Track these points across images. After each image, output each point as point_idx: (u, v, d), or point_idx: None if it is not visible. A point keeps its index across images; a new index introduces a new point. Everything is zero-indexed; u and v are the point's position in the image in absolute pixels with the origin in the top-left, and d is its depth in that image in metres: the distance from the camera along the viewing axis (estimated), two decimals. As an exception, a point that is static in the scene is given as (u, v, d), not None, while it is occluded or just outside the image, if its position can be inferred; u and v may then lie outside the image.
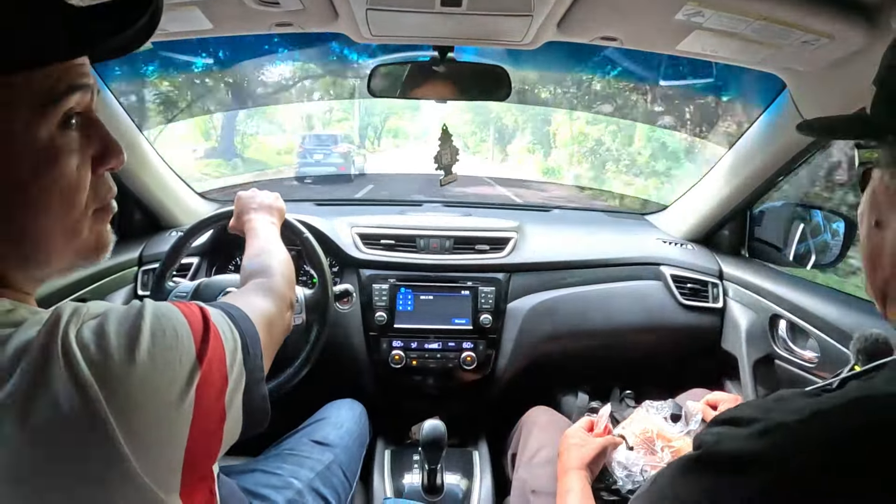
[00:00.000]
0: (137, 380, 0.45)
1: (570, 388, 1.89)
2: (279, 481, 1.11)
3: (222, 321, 0.60)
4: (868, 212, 0.56)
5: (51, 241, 0.54)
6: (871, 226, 0.56)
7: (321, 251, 1.34)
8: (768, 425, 0.46)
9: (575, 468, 1.05)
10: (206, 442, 0.53)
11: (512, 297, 1.71)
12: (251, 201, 1.24)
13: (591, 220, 2.21)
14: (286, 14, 1.12)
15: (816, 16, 0.97)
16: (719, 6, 0.98)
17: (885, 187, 0.53)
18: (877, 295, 0.57)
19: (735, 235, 1.87)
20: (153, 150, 1.65)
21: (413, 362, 1.65)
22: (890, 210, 0.53)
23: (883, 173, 0.53)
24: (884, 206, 0.53)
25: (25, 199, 0.51)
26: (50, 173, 0.52)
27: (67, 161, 0.53)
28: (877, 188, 0.54)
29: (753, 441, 0.46)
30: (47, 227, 0.53)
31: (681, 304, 1.74)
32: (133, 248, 1.68)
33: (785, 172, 1.57)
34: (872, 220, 0.55)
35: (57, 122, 0.52)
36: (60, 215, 0.53)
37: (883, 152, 0.53)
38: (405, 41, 1.28)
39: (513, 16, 1.08)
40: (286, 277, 0.96)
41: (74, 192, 0.54)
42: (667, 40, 1.18)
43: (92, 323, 0.47)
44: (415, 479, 1.50)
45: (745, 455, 0.46)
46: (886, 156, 0.52)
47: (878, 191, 0.54)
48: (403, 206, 2.16)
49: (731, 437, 0.49)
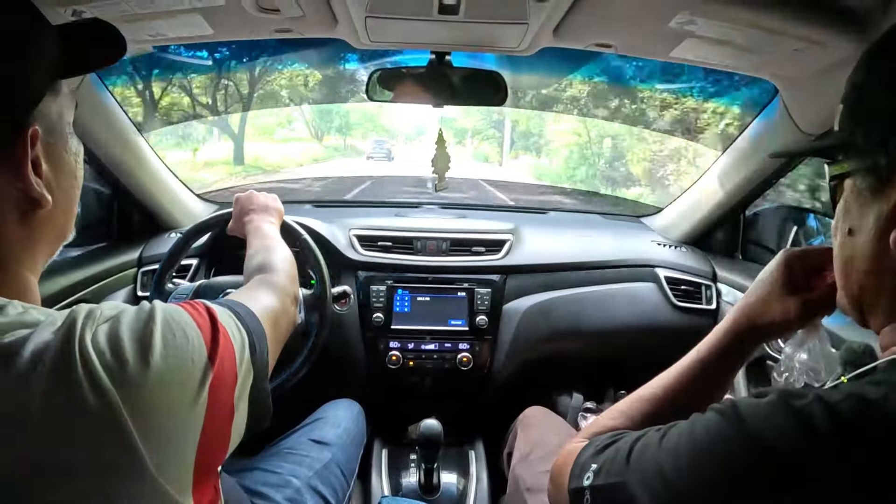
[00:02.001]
0: (153, 383, 0.46)
1: (565, 388, 1.90)
2: (278, 480, 1.12)
3: (229, 320, 0.60)
4: (841, 222, 0.57)
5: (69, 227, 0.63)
6: (844, 235, 0.56)
7: (319, 252, 1.35)
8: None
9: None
10: (216, 440, 0.53)
11: (508, 298, 1.73)
12: (250, 203, 1.25)
13: (587, 223, 2.22)
14: (286, 21, 1.13)
15: (807, 24, 0.99)
16: (711, 14, 1.00)
17: (856, 193, 0.54)
18: (852, 304, 0.58)
19: (729, 238, 1.89)
20: (152, 152, 1.66)
21: (410, 363, 1.66)
22: (860, 214, 0.54)
23: (854, 180, 0.54)
24: (854, 212, 0.55)
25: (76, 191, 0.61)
26: (80, 159, 0.62)
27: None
28: (848, 197, 0.56)
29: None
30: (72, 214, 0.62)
31: (674, 306, 1.76)
32: (133, 249, 1.68)
33: (778, 176, 1.59)
34: (846, 229, 0.56)
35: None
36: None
37: (851, 162, 0.54)
38: (403, 47, 1.29)
39: (509, 23, 1.10)
40: (288, 272, 0.97)
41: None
42: (660, 47, 1.19)
43: (105, 327, 0.47)
44: (412, 478, 1.52)
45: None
46: (855, 164, 0.54)
47: (850, 199, 0.55)
48: (400, 208, 2.17)
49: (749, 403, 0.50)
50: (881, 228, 0.51)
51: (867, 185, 0.52)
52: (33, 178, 0.53)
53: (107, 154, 1.52)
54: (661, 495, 0.52)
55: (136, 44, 1.20)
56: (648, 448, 0.56)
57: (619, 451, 0.59)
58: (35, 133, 0.53)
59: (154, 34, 1.15)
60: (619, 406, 0.79)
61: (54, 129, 0.57)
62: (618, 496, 0.56)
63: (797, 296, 0.70)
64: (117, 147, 1.53)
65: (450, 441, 1.54)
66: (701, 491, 0.49)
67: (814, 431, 0.45)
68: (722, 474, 0.48)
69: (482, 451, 1.67)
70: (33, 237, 0.57)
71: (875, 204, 0.52)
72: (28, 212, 0.55)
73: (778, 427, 0.47)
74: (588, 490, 0.60)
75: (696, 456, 0.50)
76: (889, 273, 0.52)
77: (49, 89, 0.56)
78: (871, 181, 0.52)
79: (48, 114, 0.56)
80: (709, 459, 0.49)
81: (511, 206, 2.55)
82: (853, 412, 0.45)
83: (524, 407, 1.53)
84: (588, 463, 0.62)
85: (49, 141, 0.56)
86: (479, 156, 19.86)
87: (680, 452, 0.52)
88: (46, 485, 0.42)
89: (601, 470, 0.60)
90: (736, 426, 0.49)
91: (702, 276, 1.79)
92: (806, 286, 0.71)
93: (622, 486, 0.55)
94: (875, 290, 0.55)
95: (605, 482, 0.58)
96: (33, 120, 0.53)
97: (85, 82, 1.29)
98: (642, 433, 0.59)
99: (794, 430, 0.46)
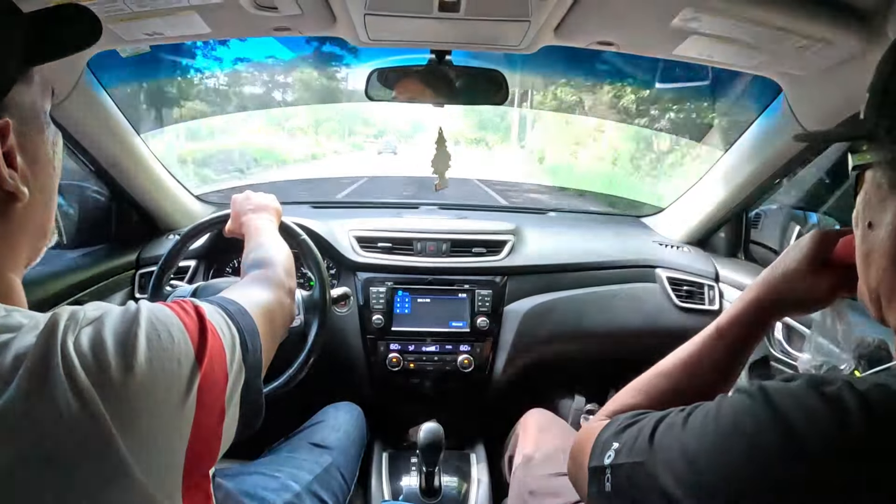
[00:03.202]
0: (137, 387, 0.45)
1: (566, 390, 1.90)
2: (277, 484, 1.11)
3: (218, 318, 0.59)
4: (862, 214, 0.57)
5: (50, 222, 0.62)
6: (865, 228, 0.56)
7: (318, 253, 1.34)
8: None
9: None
10: (206, 443, 0.52)
11: (509, 299, 1.72)
12: (247, 203, 1.24)
13: (588, 223, 2.22)
14: (284, 19, 1.12)
15: (812, 21, 0.98)
16: (715, 11, 0.99)
17: (876, 187, 0.53)
18: (871, 297, 0.57)
19: (731, 238, 1.88)
20: (150, 153, 1.65)
21: (410, 365, 1.65)
22: (880, 208, 0.53)
23: (874, 173, 0.54)
24: (875, 205, 0.54)
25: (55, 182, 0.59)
26: (58, 149, 0.61)
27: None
28: (869, 189, 0.55)
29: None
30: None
31: (677, 307, 1.75)
32: (130, 251, 1.67)
33: (781, 175, 1.57)
34: (866, 222, 0.56)
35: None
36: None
37: (873, 153, 0.54)
38: (403, 45, 1.28)
39: (510, 21, 1.09)
40: (285, 266, 0.96)
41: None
42: (663, 45, 1.18)
43: (88, 329, 0.46)
44: (412, 482, 1.51)
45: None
46: (876, 156, 0.53)
47: (870, 192, 0.55)
48: (400, 209, 2.16)
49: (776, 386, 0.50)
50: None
51: (887, 180, 0.52)
52: (6, 171, 0.52)
53: (104, 155, 1.51)
54: (684, 476, 0.51)
55: (134, 43, 1.19)
56: (673, 428, 0.56)
57: (643, 430, 0.58)
58: (6, 125, 0.52)
59: (151, 33, 1.14)
60: (636, 384, 0.78)
61: (28, 119, 0.55)
62: (639, 476, 0.56)
63: (825, 274, 0.70)
64: (115, 148, 1.51)
65: (451, 444, 1.53)
66: (727, 471, 0.48)
67: (845, 416, 0.44)
68: (750, 455, 0.47)
69: (483, 454, 1.66)
70: (12, 234, 0.55)
71: (893, 199, 0.51)
72: (4, 207, 0.53)
73: (808, 409, 0.46)
74: (609, 469, 0.60)
75: (723, 436, 0.50)
76: None
77: (19, 77, 0.54)
78: (891, 175, 0.51)
79: (20, 103, 0.54)
80: (736, 440, 0.49)
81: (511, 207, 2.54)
82: (882, 400, 0.45)
83: (525, 409, 1.52)
84: (609, 441, 0.62)
85: (23, 131, 0.54)
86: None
87: (706, 432, 0.51)
88: (29, 492, 0.41)
89: (622, 449, 0.60)
90: (764, 407, 0.48)
91: (704, 276, 1.78)
92: (834, 266, 0.71)
93: (644, 466, 0.55)
94: (892, 287, 0.54)
95: (626, 461, 0.58)
96: (3, 111, 0.52)
97: (81, 82, 1.28)
98: (665, 413, 0.59)
99: (825, 414, 0.45)
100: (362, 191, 9.88)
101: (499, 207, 2.79)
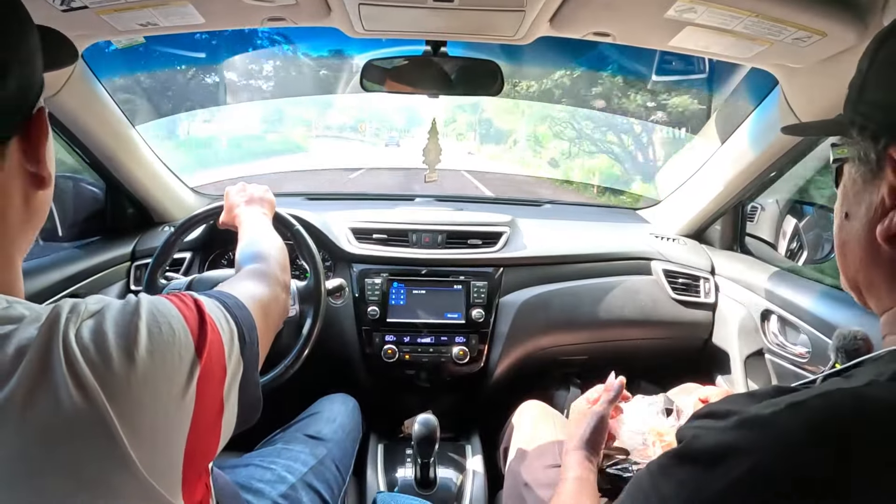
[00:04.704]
0: (138, 379, 0.45)
1: (561, 381, 1.90)
2: (272, 476, 1.11)
3: (217, 311, 0.59)
4: (840, 205, 0.59)
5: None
6: (842, 219, 0.58)
7: (312, 243, 1.34)
8: (744, 417, 0.47)
9: (572, 449, 0.96)
10: (206, 436, 0.52)
11: (504, 291, 1.72)
12: (241, 195, 1.24)
13: (583, 215, 2.22)
14: (278, 9, 1.11)
15: (809, 13, 0.98)
16: (710, 2, 0.98)
17: (852, 180, 0.56)
18: (851, 286, 0.60)
19: (727, 231, 1.88)
20: (146, 145, 1.65)
21: (406, 356, 1.65)
22: (855, 201, 0.55)
23: (850, 167, 0.56)
24: (851, 197, 0.56)
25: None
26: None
27: None
28: (846, 181, 0.57)
29: (729, 433, 0.46)
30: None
31: (672, 299, 1.75)
32: (126, 243, 1.67)
33: (777, 168, 1.58)
34: (843, 213, 0.58)
35: None
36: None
37: (849, 149, 0.56)
38: (398, 36, 1.27)
39: (505, 10, 1.08)
40: (279, 261, 0.96)
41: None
42: (659, 36, 1.18)
43: (90, 322, 0.47)
44: (408, 473, 1.51)
45: (721, 447, 0.46)
46: (852, 151, 0.55)
47: (848, 185, 0.57)
48: (396, 201, 2.16)
49: (709, 429, 0.49)
50: (871, 219, 0.53)
51: (860, 174, 0.54)
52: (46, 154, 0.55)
53: (99, 147, 1.50)
54: None
55: (128, 33, 1.18)
56: None
57: None
58: (43, 110, 0.54)
59: (145, 23, 1.13)
60: None
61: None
62: None
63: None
64: (110, 140, 1.50)
65: (446, 436, 1.53)
66: None
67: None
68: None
69: (478, 445, 1.66)
70: (31, 220, 0.56)
71: (866, 193, 0.54)
72: (30, 194, 0.55)
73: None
74: None
75: None
76: (880, 263, 0.54)
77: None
78: (863, 171, 0.54)
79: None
80: None
81: (507, 199, 2.53)
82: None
83: (521, 401, 1.52)
84: None
85: None
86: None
87: None
88: (31, 484, 0.41)
89: None
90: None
91: (700, 269, 1.78)
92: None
93: None
94: (868, 276, 0.56)
95: None
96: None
97: (75, 74, 1.27)
98: None
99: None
100: (361, 182, 9.91)
101: (494, 199, 2.79)
